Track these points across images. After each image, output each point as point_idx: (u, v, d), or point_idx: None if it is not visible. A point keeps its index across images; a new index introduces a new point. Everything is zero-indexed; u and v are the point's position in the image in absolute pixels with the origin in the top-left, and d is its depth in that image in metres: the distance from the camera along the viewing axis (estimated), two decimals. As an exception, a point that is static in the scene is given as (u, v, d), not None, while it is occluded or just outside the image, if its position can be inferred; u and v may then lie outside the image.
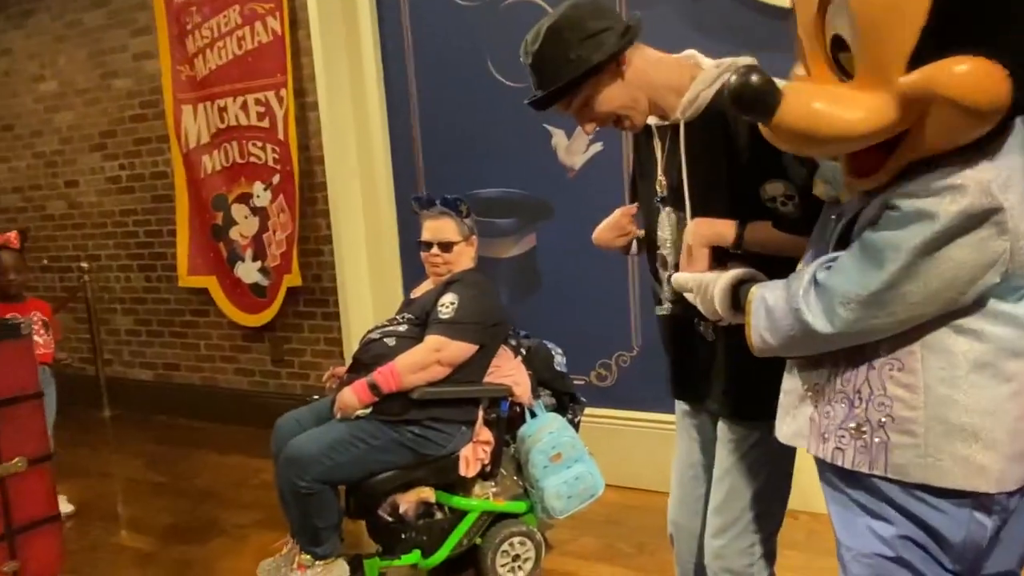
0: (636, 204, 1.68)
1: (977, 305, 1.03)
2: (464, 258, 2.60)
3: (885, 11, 0.94)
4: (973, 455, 1.03)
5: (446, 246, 2.57)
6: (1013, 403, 1.03)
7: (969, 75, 0.90)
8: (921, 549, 1.09)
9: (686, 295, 1.36)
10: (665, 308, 1.58)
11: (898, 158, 1.01)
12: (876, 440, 1.08)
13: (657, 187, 1.54)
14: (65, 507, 3.19)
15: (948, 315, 1.04)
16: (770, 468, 1.49)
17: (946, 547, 1.08)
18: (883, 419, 1.08)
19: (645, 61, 1.45)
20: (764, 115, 1.03)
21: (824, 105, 1.01)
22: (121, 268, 4.75)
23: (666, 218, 1.54)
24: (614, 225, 1.69)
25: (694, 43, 1.57)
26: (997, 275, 1.00)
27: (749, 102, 1.03)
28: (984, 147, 0.97)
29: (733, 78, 1.03)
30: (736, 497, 1.50)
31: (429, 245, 2.58)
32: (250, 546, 2.94)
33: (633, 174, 1.71)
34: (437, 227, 2.58)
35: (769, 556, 1.56)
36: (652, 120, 1.52)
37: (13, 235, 3.23)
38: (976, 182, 0.96)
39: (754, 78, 1.02)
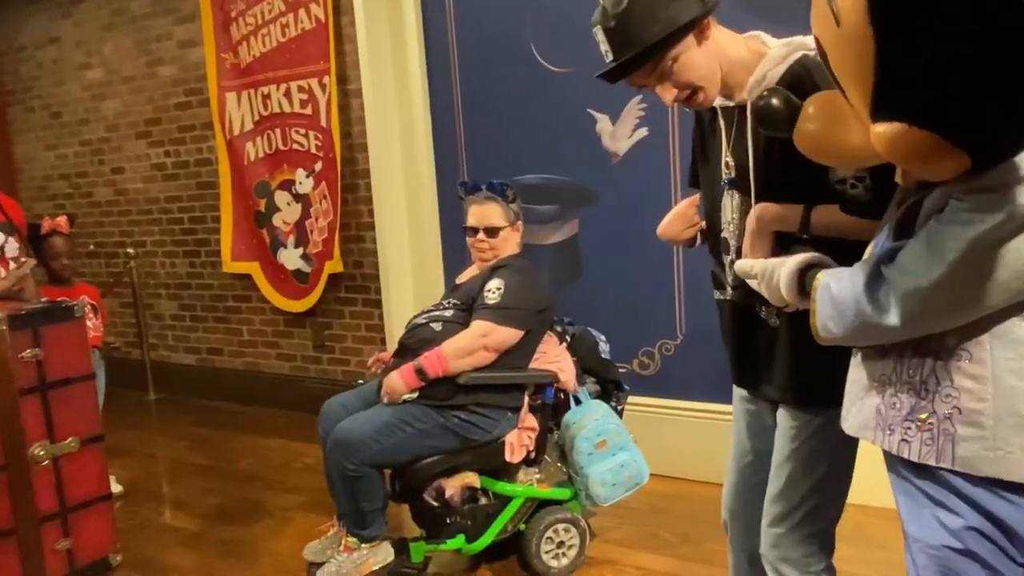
0: (700, 193, 1.65)
1: None
2: (510, 244, 2.59)
3: (849, 77, 0.96)
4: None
5: (492, 231, 2.57)
6: None
7: (882, 137, 0.91)
8: (990, 541, 1.06)
9: (749, 281, 1.33)
10: (727, 293, 1.55)
11: None
12: (943, 432, 1.06)
13: (723, 169, 1.51)
14: (115, 487, 3.26)
15: (1017, 305, 1.01)
16: (831, 457, 1.46)
17: (1016, 540, 1.05)
18: (950, 411, 1.05)
19: (721, 34, 1.44)
20: (782, 133, 1.11)
21: (827, 129, 1.05)
22: (166, 254, 4.82)
23: (730, 201, 1.51)
24: (682, 216, 1.66)
25: (744, 23, 1.54)
26: None
27: (768, 122, 1.14)
28: None
29: (757, 99, 1.14)
30: (795, 486, 1.47)
31: (475, 231, 2.58)
32: (294, 528, 2.97)
33: (694, 157, 1.68)
34: (483, 212, 2.58)
35: (827, 547, 1.53)
36: (718, 101, 1.49)
37: (63, 220, 3.29)
38: None
39: (774, 101, 1.12)
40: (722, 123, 1.51)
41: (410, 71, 3.65)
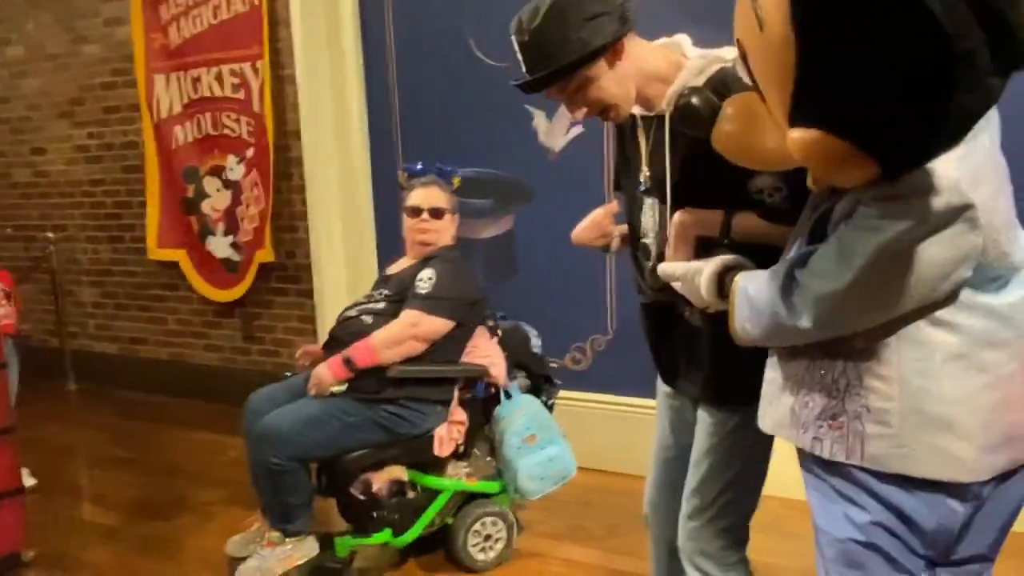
0: (615, 203, 1.67)
1: (953, 297, 1.04)
2: (448, 233, 2.59)
3: (769, 82, 0.97)
4: (947, 445, 1.05)
5: (437, 212, 2.56)
6: (987, 393, 1.05)
7: (798, 142, 0.92)
8: (893, 536, 1.11)
9: (673, 284, 1.35)
10: (648, 296, 1.57)
11: None
12: (853, 431, 1.09)
13: (641, 178, 1.53)
14: (28, 480, 3.13)
15: (924, 307, 1.05)
16: (747, 453, 1.49)
17: (919, 533, 1.10)
18: (859, 410, 1.09)
19: (637, 50, 1.43)
20: (703, 133, 1.14)
21: (744, 130, 1.09)
22: (88, 239, 4.65)
23: (649, 209, 1.53)
24: (596, 224, 1.68)
25: (681, 28, 1.56)
26: (969, 269, 1.02)
27: (690, 121, 1.17)
28: (952, 155, 0.97)
29: (680, 97, 1.17)
30: (712, 481, 1.51)
31: (418, 211, 2.56)
32: (218, 523, 2.91)
33: (616, 164, 1.70)
34: (428, 194, 2.57)
35: (741, 540, 1.57)
36: (637, 110, 1.50)
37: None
38: (946, 180, 0.97)
39: (695, 100, 1.16)
40: (641, 132, 1.53)
41: (346, 59, 3.59)
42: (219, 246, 4.09)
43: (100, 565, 2.69)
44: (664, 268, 1.36)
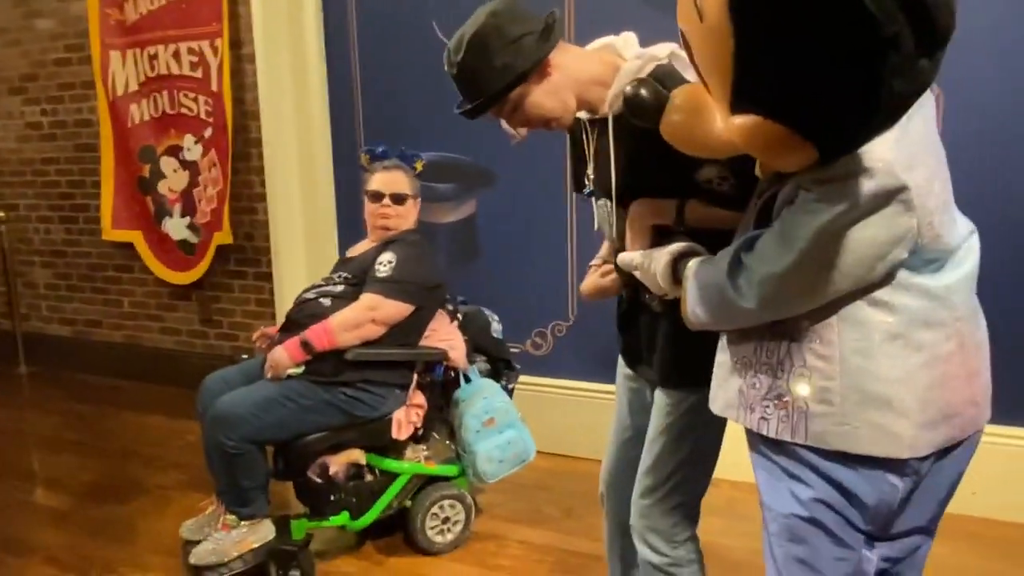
0: (601, 262, 1.68)
1: (891, 278, 1.07)
2: (410, 218, 2.58)
3: (710, 70, 0.99)
4: (887, 423, 1.08)
5: (399, 198, 2.54)
6: (924, 372, 1.08)
7: (739, 128, 0.95)
8: (834, 511, 1.14)
9: (633, 272, 1.37)
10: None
11: None
12: (797, 409, 1.12)
13: (587, 180, 1.55)
14: (-24, 464, 3.07)
15: (864, 288, 1.08)
16: (699, 434, 1.52)
17: (860, 508, 1.13)
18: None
19: (568, 60, 1.45)
20: (651, 124, 1.15)
21: (691, 119, 1.09)
22: (40, 219, 4.54)
23: (602, 208, 1.57)
24: (599, 291, 1.66)
25: (643, 17, 1.57)
26: (905, 251, 1.05)
27: (638, 112, 1.17)
28: (887, 138, 0.99)
29: (628, 88, 1.17)
30: (665, 460, 1.53)
31: (380, 196, 2.54)
32: (173, 507, 2.88)
33: (573, 166, 1.71)
34: (390, 179, 2.55)
35: (692, 519, 1.60)
36: (582, 114, 1.52)
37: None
38: (881, 163, 0.99)
39: (643, 91, 1.16)
40: (586, 134, 1.54)
41: (307, 38, 3.54)
42: (176, 228, 4.02)
43: (52, 548, 2.64)
44: (623, 258, 1.40)
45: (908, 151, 1.02)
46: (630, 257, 1.37)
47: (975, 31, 2.49)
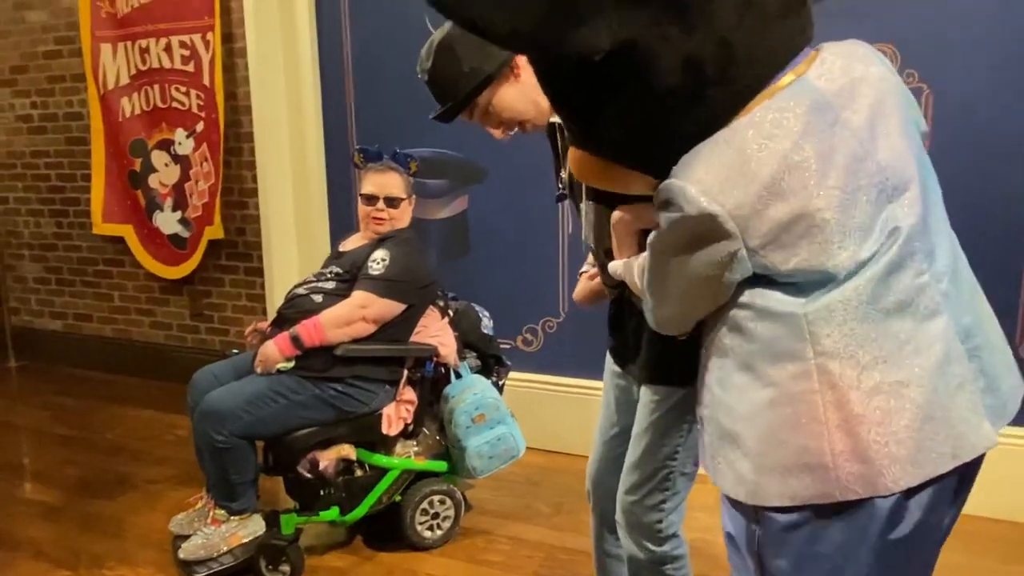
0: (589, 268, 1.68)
1: (755, 300, 0.95)
2: (404, 218, 2.58)
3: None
4: (735, 461, 0.97)
5: (393, 202, 2.54)
6: (771, 412, 0.93)
7: (572, 157, 1.04)
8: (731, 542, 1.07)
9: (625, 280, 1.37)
10: (611, 293, 1.61)
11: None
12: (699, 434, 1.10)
13: (559, 183, 1.57)
14: (-36, 458, 3.06)
15: (725, 310, 0.98)
16: (684, 431, 1.53)
17: (740, 548, 1.04)
18: (699, 413, 1.09)
19: None
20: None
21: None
22: (30, 212, 4.52)
23: (582, 209, 1.58)
24: (589, 296, 1.67)
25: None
26: (739, 273, 0.93)
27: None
28: (693, 156, 0.93)
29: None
30: (651, 456, 1.54)
31: (374, 199, 2.53)
32: (163, 502, 2.88)
33: (556, 168, 1.72)
34: (383, 182, 2.54)
35: (678, 515, 1.61)
36: (555, 117, 1.53)
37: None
38: (683, 192, 0.91)
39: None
40: (559, 137, 1.56)
41: (299, 32, 3.53)
42: (167, 222, 4.01)
43: (40, 542, 2.64)
44: (612, 267, 1.38)
45: (723, 174, 0.90)
46: (613, 267, 1.36)
47: (963, 31, 2.51)
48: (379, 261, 2.44)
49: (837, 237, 0.88)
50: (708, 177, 0.89)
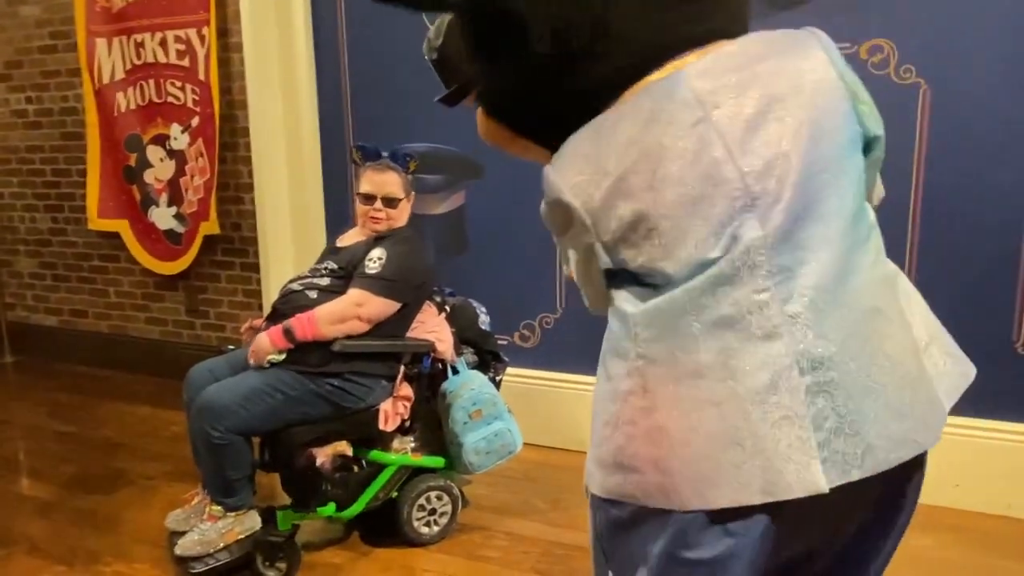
0: None
1: (613, 295, 0.92)
2: (402, 217, 2.56)
3: None
4: (589, 448, 0.95)
5: (391, 202, 2.52)
6: (604, 406, 0.91)
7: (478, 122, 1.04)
8: None
9: None
10: None
11: None
12: None
13: None
14: (-41, 454, 3.05)
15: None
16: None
17: None
18: None
19: None
20: None
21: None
22: (25, 207, 4.50)
23: None
24: None
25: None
26: (600, 263, 0.91)
27: None
28: (566, 145, 0.91)
29: None
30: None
31: (372, 198, 2.52)
32: (159, 497, 2.87)
33: None
34: (382, 181, 2.52)
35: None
36: None
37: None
38: (549, 179, 0.91)
39: None
40: None
41: (295, 27, 3.51)
42: (162, 217, 4.00)
43: (35, 538, 2.63)
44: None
45: (583, 167, 0.88)
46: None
47: (962, 27, 2.50)
48: (376, 260, 2.43)
49: (674, 242, 0.83)
50: (569, 168, 0.89)
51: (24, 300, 4.64)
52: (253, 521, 2.36)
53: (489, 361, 2.76)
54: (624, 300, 0.89)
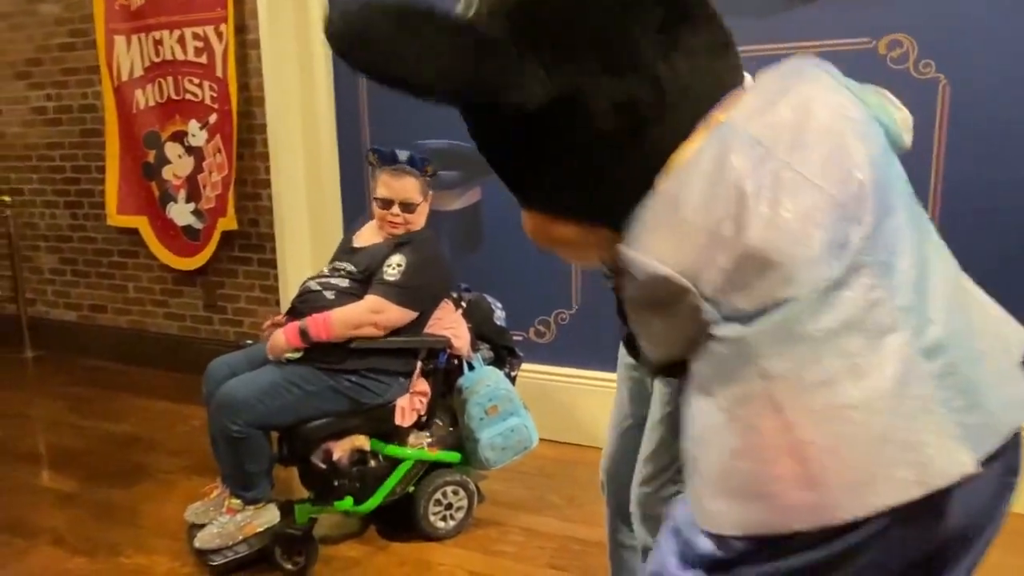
0: None
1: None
2: (420, 220, 2.55)
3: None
4: (696, 487, 0.92)
5: (409, 207, 2.51)
6: (721, 436, 0.89)
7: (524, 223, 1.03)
8: None
9: None
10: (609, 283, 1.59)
11: None
12: None
13: None
14: (-18, 447, 3.10)
15: None
16: (700, 422, 1.53)
17: None
18: None
19: None
20: None
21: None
22: (45, 204, 4.55)
23: None
24: None
25: None
26: (707, 318, 0.87)
27: None
28: (636, 220, 0.89)
29: None
30: (665, 448, 1.54)
31: (389, 203, 2.51)
32: (177, 491, 2.90)
33: None
34: (400, 186, 2.49)
35: (694, 507, 1.61)
36: None
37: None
38: (631, 258, 0.88)
39: None
40: None
41: (311, 23, 3.53)
42: (180, 213, 4.03)
43: (56, 530, 2.67)
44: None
45: (666, 232, 0.88)
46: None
47: (981, 20, 2.48)
48: (395, 266, 2.42)
49: (792, 267, 0.83)
50: (653, 242, 0.87)
51: (44, 295, 4.70)
52: (271, 514, 2.38)
53: (505, 357, 2.77)
54: (722, 330, 0.87)
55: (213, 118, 3.81)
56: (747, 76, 0.94)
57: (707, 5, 0.90)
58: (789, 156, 0.85)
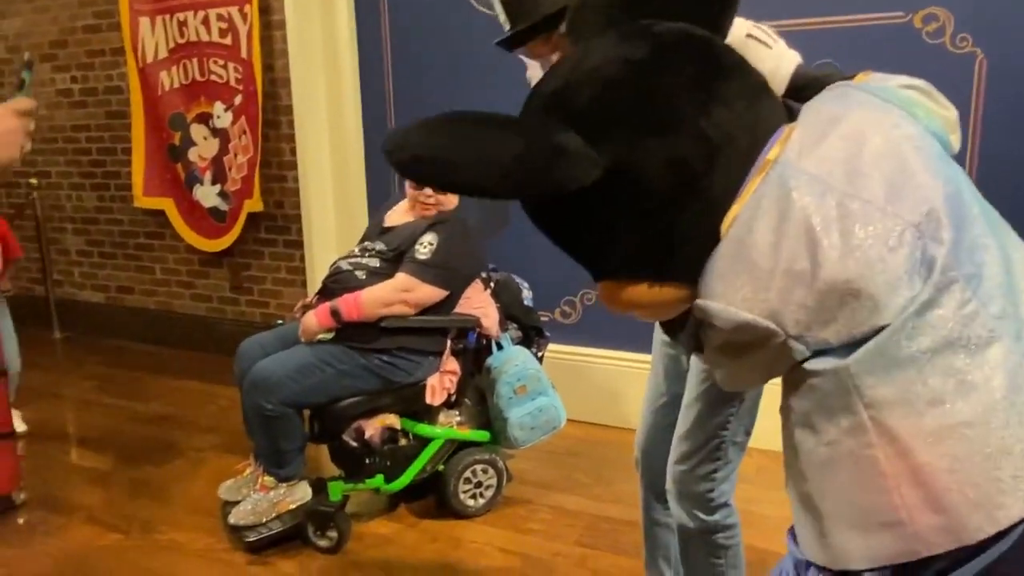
0: None
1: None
2: (452, 200, 2.56)
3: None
4: (812, 524, 0.91)
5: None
6: (834, 470, 0.89)
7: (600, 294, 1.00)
8: None
9: None
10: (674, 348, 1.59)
11: None
12: None
13: None
14: (19, 426, 3.14)
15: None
16: (736, 401, 1.52)
17: None
18: None
19: None
20: None
21: None
22: (72, 186, 4.59)
23: None
24: None
25: None
26: (795, 356, 0.88)
27: None
28: (708, 272, 0.89)
29: None
30: (702, 426, 1.54)
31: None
32: (209, 468, 2.94)
33: None
34: None
35: (729, 484, 1.61)
36: None
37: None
38: (710, 310, 0.88)
39: None
40: None
41: (336, 3, 3.52)
42: (206, 195, 4.05)
43: (91, 507, 2.71)
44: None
45: (742, 279, 0.88)
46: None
47: (1021, -6, 2.43)
48: (427, 245, 2.43)
49: (879, 295, 0.82)
50: (729, 290, 0.86)
51: (72, 277, 4.74)
52: (304, 491, 2.41)
53: (532, 337, 2.78)
54: (817, 364, 0.86)
55: (238, 99, 3.82)
56: (795, 106, 0.93)
57: (733, 53, 0.91)
58: (850, 186, 0.84)
